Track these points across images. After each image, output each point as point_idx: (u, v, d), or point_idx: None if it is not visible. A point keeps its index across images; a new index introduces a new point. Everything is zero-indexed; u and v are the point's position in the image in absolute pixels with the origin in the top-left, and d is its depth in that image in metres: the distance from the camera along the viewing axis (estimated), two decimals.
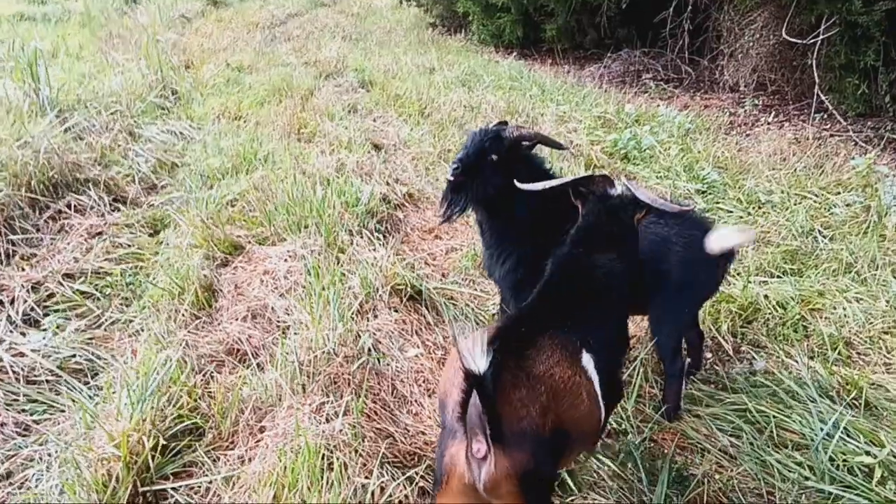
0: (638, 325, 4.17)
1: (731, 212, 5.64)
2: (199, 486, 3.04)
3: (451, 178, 3.41)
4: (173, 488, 3.02)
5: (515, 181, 3.28)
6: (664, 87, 10.35)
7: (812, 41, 7.45)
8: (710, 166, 6.43)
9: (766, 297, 4.34)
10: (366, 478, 2.93)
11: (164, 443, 3.14)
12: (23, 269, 4.63)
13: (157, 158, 6.97)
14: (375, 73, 11.04)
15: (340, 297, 4.19)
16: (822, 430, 3.18)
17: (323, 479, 2.87)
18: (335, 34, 15.13)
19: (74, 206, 5.59)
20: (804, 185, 5.95)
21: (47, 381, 3.77)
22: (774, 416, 3.34)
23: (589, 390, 2.30)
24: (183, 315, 4.17)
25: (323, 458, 2.95)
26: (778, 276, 4.70)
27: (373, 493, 2.87)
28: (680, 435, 3.37)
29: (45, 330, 4.12)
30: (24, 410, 3.58)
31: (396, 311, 4.29)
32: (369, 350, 3.89)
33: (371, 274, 4.46)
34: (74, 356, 3.96)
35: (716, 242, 3.21)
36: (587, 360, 2.37)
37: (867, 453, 3.06)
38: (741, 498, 3.00)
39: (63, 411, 3.58)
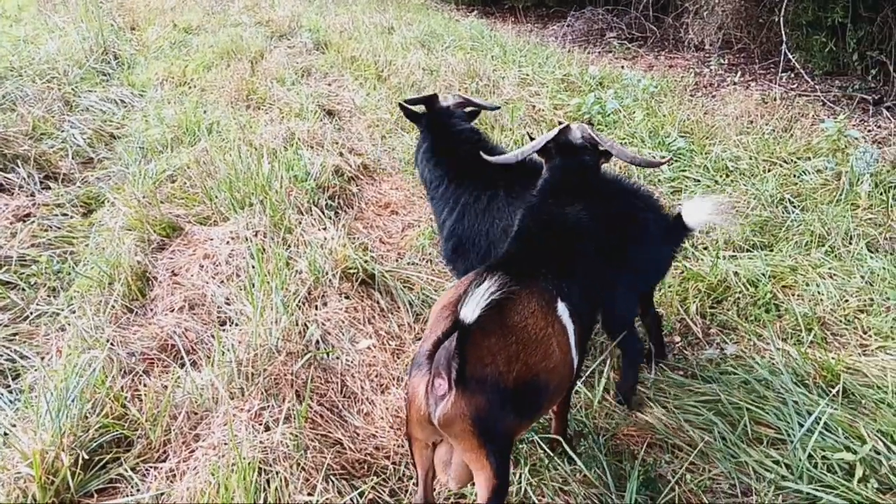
0: None
1: (699, 181, 5.41)
2: None
3: None
4: None
5: (483, 154, 3.14)
6: (628, 46, 10.06)
7: None
8: (676, 131, 6.18)
9: (736, 274, 4.13)
10: (308, 494, 2.68)
11: (87, 457, 2.85)
12: None
13: (93, 130, 6.53)
14: (331, 33, 10.61)
15: (286, 285, 3.90)
16: (799, 424, 2.99)
17: (260, 497, 2.61)
18: None
19: (1, 185, 5.18)
20: (773, 151, 5.73)
21: None
22: (748, 409, 3.13)
23: (560, 341, 2.34)
24: (113, 307, 3.84)
25: (260, 474, 2.69)
26: (748, 251, 4.50)
27: None
28: (648, 430, 3.16)
29: None
30: None
31: (347, 297, 4.00)
32: (317, 343, 3.61)
33: (320, 257, 4.17)
34: None
35: (694, 216, 3.02)
36: (562, 309, 2.42)
37: (847, 449, 2.87)
38: (716, 501, 2.81)
39: None
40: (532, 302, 2.33)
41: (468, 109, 3.77)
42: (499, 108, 5.44)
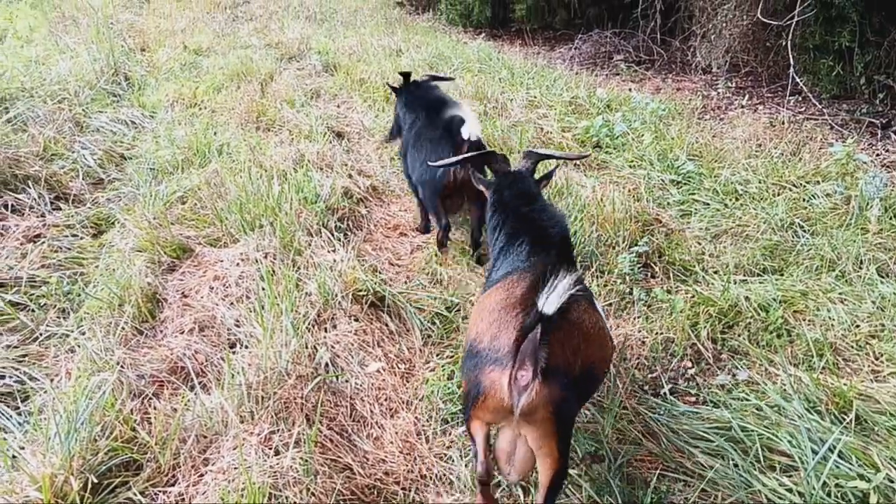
0: (617, 334, 3.94)
1: (708, 204, 5.41)
2: None
3: None
4: None
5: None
6: (636, 69, 10.09)
7: (787, 22, 7.22)
8: (685, 154, 6.18)
9: (747, 298, 4.11)
10: None
11: (96, 481, 2.83)
12: None
13: (104, 151, 6.54)
14: (340, 55, 10.65)
15: (295, 307, 3.90)
16: (812, 451, 2.96)
17: None
18: (299, 14, 14.64)
19: (12, 205, 5.20)
20: (782, 174, 5.74)
21: None
22: (760, 436, 3.11)
23: (608, 333, 2.65)
24: (123, 329, 3.83)
25: (270, 499, 2.67)
26: (758, 275, 4.48)
27: None
28: (661, 457, 3.14)
29: None
30: None
31: (357, 319, 4.00)
32: (326, 366, 3.61)
33: (330, 279, 4.17)
34: (3, 377, 3.62)
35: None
36: (598, 304, 2.73)
37: (861, 477, 2.84)
38: None
39: None
40: (581, 300, 2.55)
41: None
42: (453, 79, 7.09)
